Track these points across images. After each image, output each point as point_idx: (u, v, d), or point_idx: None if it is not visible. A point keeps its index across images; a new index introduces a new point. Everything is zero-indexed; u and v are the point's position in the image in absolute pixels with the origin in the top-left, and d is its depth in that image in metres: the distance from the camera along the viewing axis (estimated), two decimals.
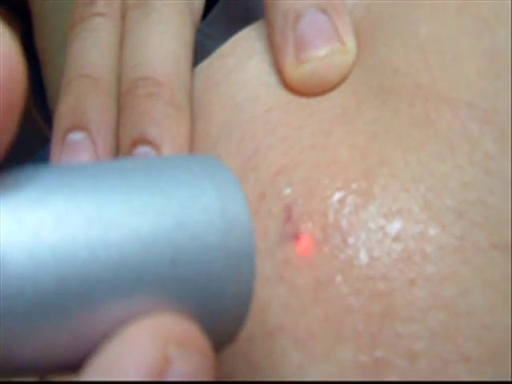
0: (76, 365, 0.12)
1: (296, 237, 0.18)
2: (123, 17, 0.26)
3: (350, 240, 0.18)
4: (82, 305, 0.12)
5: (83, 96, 0.24)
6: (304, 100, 0.21)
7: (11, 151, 0.12)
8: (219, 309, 0.13)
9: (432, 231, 0.18)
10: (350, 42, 0.22)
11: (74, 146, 0.23)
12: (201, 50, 0.26)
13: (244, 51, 0.24)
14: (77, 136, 0.23)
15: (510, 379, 0.17)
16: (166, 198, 0.13)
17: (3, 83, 0.11)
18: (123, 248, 0.12)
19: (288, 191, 0.19)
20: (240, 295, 0.13)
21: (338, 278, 0.18)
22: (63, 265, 0.12)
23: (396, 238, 0.18)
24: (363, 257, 0.18)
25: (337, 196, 0.19)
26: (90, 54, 0.25)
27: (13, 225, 0.11)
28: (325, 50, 0.21)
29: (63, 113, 0.24)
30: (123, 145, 0.23)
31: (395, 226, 0.18)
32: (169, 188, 0.13)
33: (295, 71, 0.21)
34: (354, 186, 0.19)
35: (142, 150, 0.22)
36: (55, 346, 0.12)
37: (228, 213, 0.13)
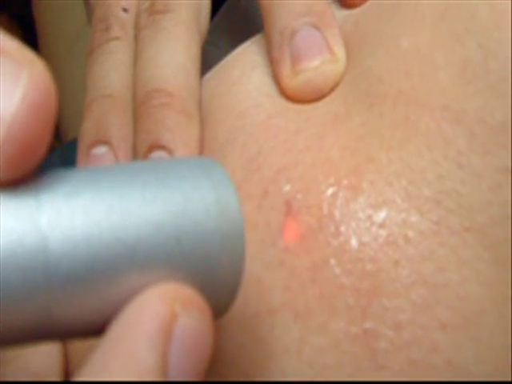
0: (101, 329, 0.15)
1: (295, 227, 0.21)
2: (136, 37, 0.28)
3: (342, 228, 0.20)
4: (106, 276, 0.14)
5: (104, 114, 0.26)
6: (300, 107, 0.23)
7: None
8: (215, 280, 0.16)
9: (413, 218, 0.20)
10: (340, 53, 0.24)
11: (98, 158, 0.26)
12: (203, 56, 0.28)
13: (247, 64, 0.26)
14: (100, 150, 0.26)
15: (481, 345, 0.20)
16: (171, 191, 0.15)
17: (42, 104, 0.14)
18: (138, 231, 0.15)
19: (288, 188, 0.21)
20: (233, 269, 0.16)
21: (332, 261, 0.20)
22: (91, 244, 0.14)
23: (382, 225, 0.20)
24: (354, 242, 0.20)
25: (330, 191, 0.21)
26: (109, 75, 0.27)
27: (52, 214, 0.14)
28: (317, 61, 0.23)
29: (87, 129, 0.26)
30: (140, 150, 0.26)
31: (381, 215, 0.20)
32: (173, 183, 0.15)
33: (292, 82, 0.23)
34: (345, 181, 0.21)
35: (157, 154, 0.25)
36: (86, 311, 0.14)
37: (221, 201, 0.16)
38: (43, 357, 0.22)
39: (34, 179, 0.14)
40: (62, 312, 0.14)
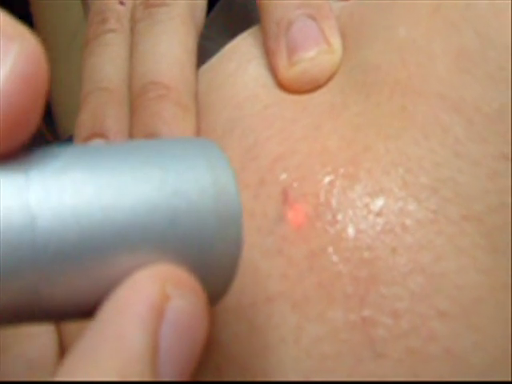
0: (92, 310, 0.14)
1: (292, 215, 0.21)
2: (132, 30, 0.28)
3: (339, 216, 0.20)
4: (96, 256, 0.14)
5: (101, 107, 0.26)
6: (297, 97, 0.23)
7: None
8: (210, 263, 0.15)
9: (410, 206, 0.20)
10: (336, 44, 0.24)
11: None
12: (201, 51, 0.28)
13: (243, 56, 0.26)
14: (96, 143, 0.26)
15: (480, 333, 0.19)
16: (165, 170, 0.15)
17: (32, 77, 0.13)
18: (130, 210, 0.14)
19: (284, 176, 0.21)
20: (229, 253, 0.15)
21: (330, 249, 0.20)
22: (81, 223, 0.14)
23: (379, 214, 0.20)
24: (351, 230, 0.20)
25: (327, 179, 0.21)
26: (104, 68, 0.27)
27: (40, 191, 0.14)
28: (313, 52, 0.23)
29: (83, 122, 0.26)
30: None
31: (378, 203, 0.20)
32: (168, 162, 0.15)
33: (288, 72, 0.23)
34: (342, 170, 0.21)
35: None
36: (76, 291, 0.14)
37: (218, 183, 0.15)
38: (39, 345, 0.21)
39: (24, 155, 0.14)
40: (51, 292, 0.14)
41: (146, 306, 0.14)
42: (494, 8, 0.21)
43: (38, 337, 0.22)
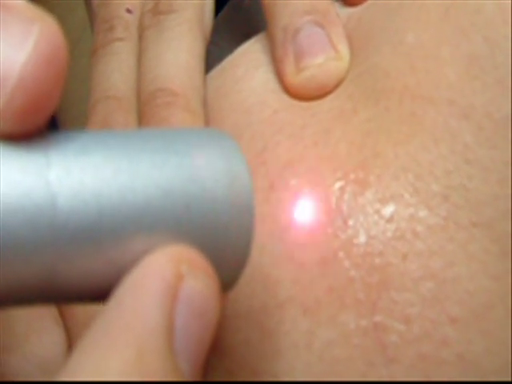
0: (106, 293, 0.14)
1: (303, 220, 0.21)
2: (140, 37, 0.29)
3: (350, 222, 0.20)
4: (113, 236, 0.14)
5: (109, 115, 0.26)
6: (306, 103, 0.23)
7: None
8: (223, 250, 0.15)
9: (421, 213, 0.20)
10: (344, 50, 0.24)
11: None
12: (207, 56, 0.28)
13: (251, 62, 0.26)
14: None
15: (491, 338, 0.20)
16: (180, 157, 0.15)
17: (53, 58, 0.13)
18: (146, 193, 0.14)
19: (294, 182, 0.21)
20: (241, 240, 0.16)
21: (341, 255, 0.20)
22: (99, 204, 0.14)
23: (390, 220, 0.20)
24: (362, 236, 0.20)
25: (337, 185, 0.21)
26: (112, 76, 0.27)
27: (61, 171, 0.14)
28: (321, 58, 0.23)
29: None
30: None
31: (389, 210, 0.20)
32: (183, 149, 0.15)
33: (296, 78, 0.23)
34: (352, 176, 0.21)
35: None
36: (92, 272, 0.14)
37: (231, 171, 0.16)
38: (48, 344, 0.21)
39: (44, 136, 0.14)
40: (68, 271, 0.14)
41: (161, 285, 0.14)
42: (502, 12, 0.21)
43: (47, 335, 0.22)
